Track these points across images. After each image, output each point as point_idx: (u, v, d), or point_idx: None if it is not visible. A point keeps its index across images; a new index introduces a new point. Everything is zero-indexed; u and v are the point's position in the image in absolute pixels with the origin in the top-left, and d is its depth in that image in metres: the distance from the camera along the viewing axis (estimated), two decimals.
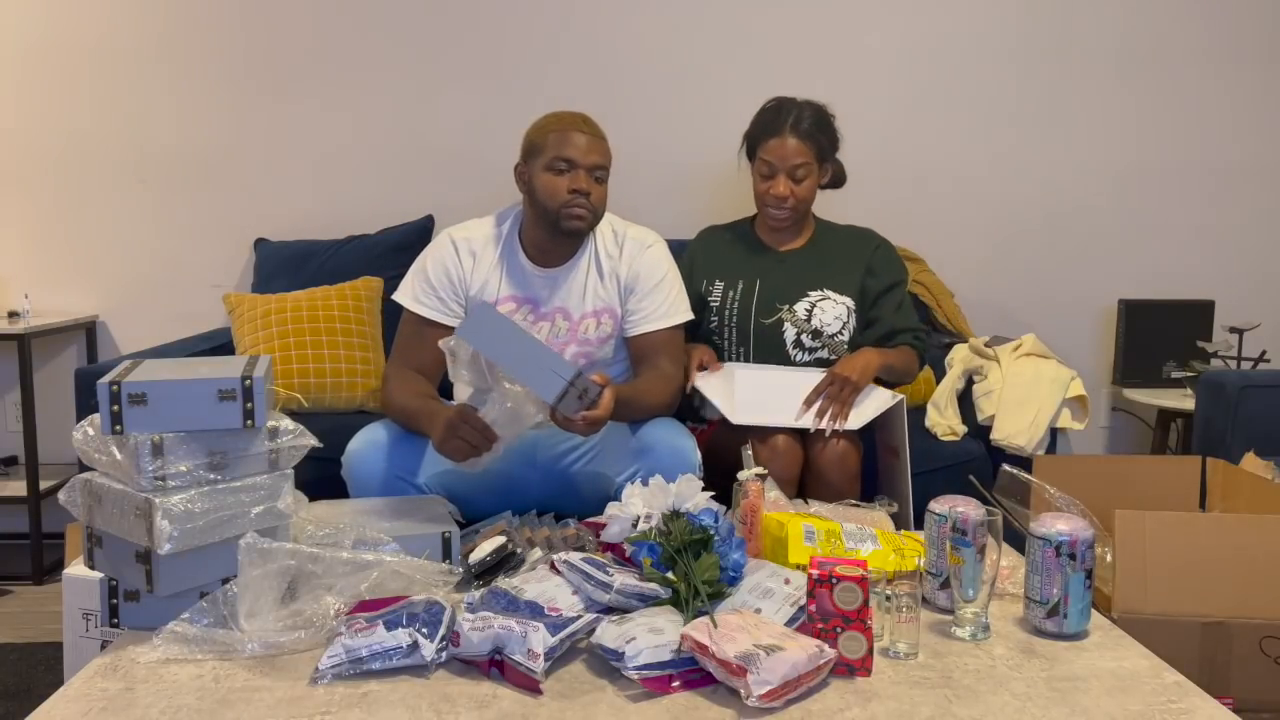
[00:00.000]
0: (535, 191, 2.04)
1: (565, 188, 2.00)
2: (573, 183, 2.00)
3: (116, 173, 3.16)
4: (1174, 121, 3.25)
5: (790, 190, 2.26)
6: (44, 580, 2.91)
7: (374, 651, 1.34)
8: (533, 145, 2.05)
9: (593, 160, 2.02)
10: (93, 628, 1.76)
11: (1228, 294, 3.20)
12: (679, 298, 2.15)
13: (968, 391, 2.62)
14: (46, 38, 3.10)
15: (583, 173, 2.01)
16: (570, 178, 2.00)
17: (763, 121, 2.31)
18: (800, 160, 2.25)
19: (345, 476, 1.97)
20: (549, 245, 2.09)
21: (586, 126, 2.05)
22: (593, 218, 2.05)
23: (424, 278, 2.10)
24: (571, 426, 1.78)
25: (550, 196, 2.01)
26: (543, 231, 2.07)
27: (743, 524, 1.71)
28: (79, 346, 3.21)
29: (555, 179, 2.01)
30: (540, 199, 2.03)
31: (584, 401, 1.75)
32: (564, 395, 1.70)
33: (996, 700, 1.29)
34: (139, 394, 1.44)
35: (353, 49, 3.15)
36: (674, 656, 1.32)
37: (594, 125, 2.07)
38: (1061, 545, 1.50)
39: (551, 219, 2.03)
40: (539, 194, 2.03)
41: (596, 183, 2.03)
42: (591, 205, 2.02)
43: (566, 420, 1.76)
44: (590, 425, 1.78)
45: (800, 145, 2.25)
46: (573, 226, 2.02)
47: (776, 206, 2.28)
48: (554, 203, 2.01)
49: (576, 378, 1.70)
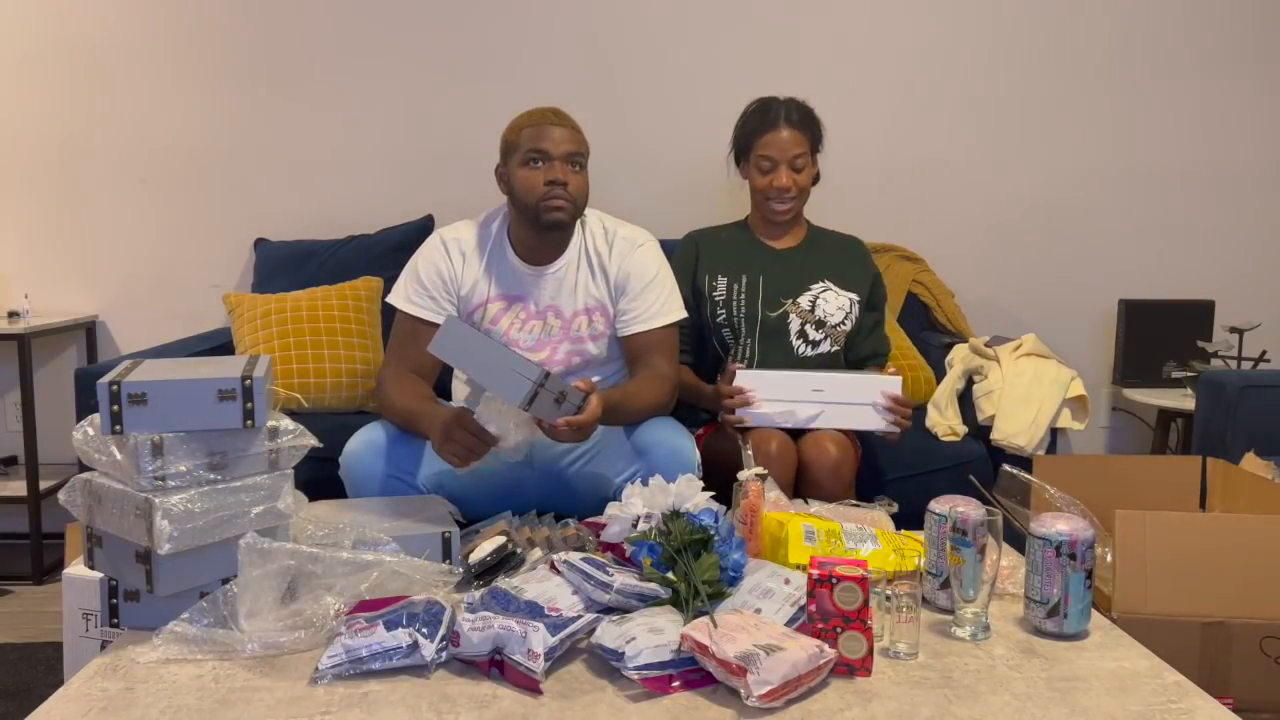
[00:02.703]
0: (515, 189, 2.03)
1: (541, 180, 1.99)
2: (548, 174, 1.99)
3: (116, 173, 3.16)
4: (1174, 122, 3.25)
5: (793, 180, 2.27)
6: (44, 580, 2.91)
7: (374, 651, 1.34)
8: (508, 144, 2.05)
9: (566, 149, 2.00)
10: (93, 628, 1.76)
11: (1228, 294, 3.20)
12: (671, 297, 2.14)
13: (968, 391, 2.62)
14: (46, 38, 3.10)
15: (557, 163, 1.99)
16: (545, 169, 1.99)
17: (753, 121, 2.33)
18: (798, 150, 2.27)
19: (343, 476, 1.96)
20: (536, 243, 2.08)
21: (557, 118, 2.03)
22: (573, 208, 2.02)
23: (416, 279, 2.10)
24: (555, 434, 1.77)
25: (528, 191, 2.00)
26: (528, 229, 2.06)
27: (743, 524, 1.71)
28: (79, 346, 3.21)
29: (532, 173, 2.00)
30: (520, 196, 2.02)
31: (563, 407, 1.74)
32: (534, 398, 1.69)
33: (996, 700, 1.29)
34: (139, 394, 1.43)
35: (353, 49, 3.15)
36: (674, 656, 1.32)
37: (565, 116, 2.05)
38: (1061, 545, 1.50)
39: (532, 214, 2.01)
40: (518, 191, 2.02)
41: (574, 171, 2.01)
42: (570, 195, 2.00)
43: (551, 427, 1.76)
44: (574, 431, 1.77)
45: (796, 135, 2.28)
46: (553, 219, 2.01)
47: (780, 199, 2.29)
48: (532, 197, 2.00)
49: (545, 379, 1.69)
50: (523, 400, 1.69)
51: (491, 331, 2.10)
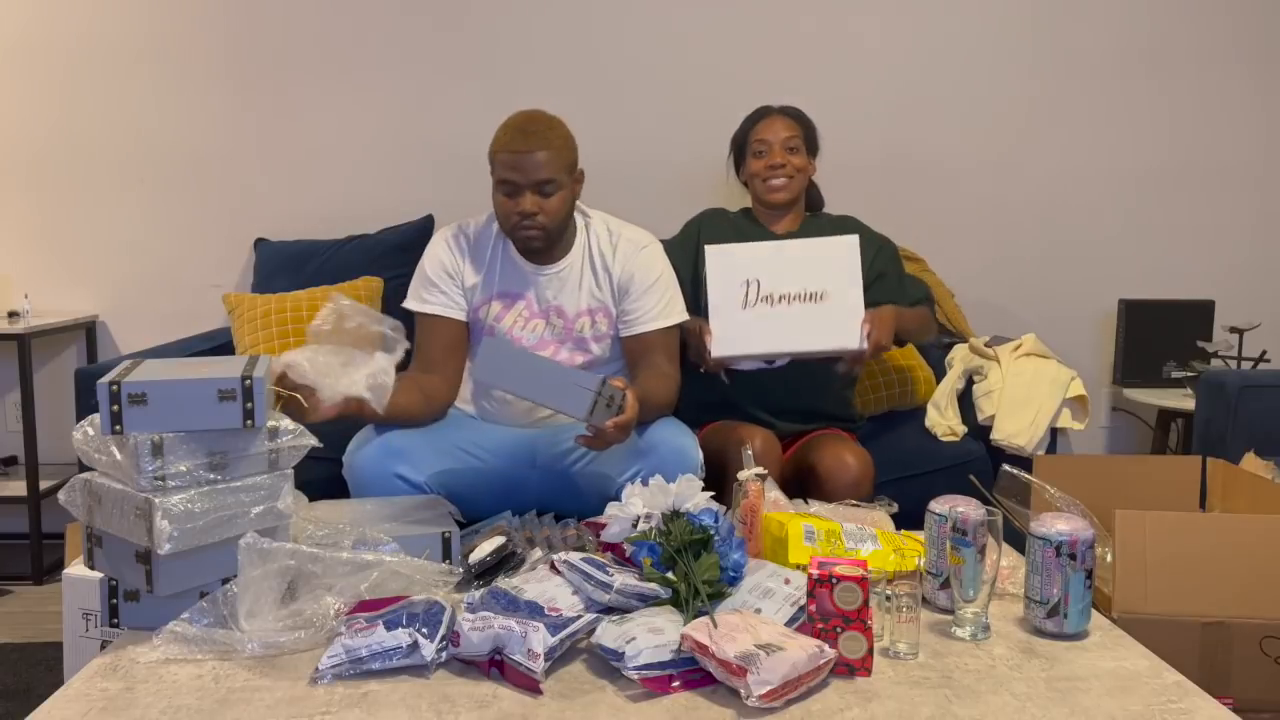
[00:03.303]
0: (494, 208, 2.04)
1: (513, 210, 1.99)
2: (517, 205, 1.99)
3: (116, 173, 3.16)
4: (1174, 122, 3.25)
5: (786, 159, 2.33)
6: (44, 580, 2.91)
7: (374, 651, 1.33)
8: (490, 159, 2.01)
9: (535, 179, 1.96)
10: (93, 628, 1.76)
11: (1228, 294, 3.20)
12: (674, 298, 2.15)
13: (968, 391, 2.62)
14: (46, 37, 3.10)
15: (527, 195, 1.97)
16: (516, 201, 1.99)
17: (747, 121, 2.43)
18: (790, 133, 2.35)
19: (346, 476, 1.97)
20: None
21: (528, 142, 1.95)
22: (545, 234, 2.02)
23: (424, 278, 2.12)
24: (604, 436, 1.79)
25: (503, 217, 2.03)
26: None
27: (743, 524, 1.71)
28: (79, 346, 3.21)
29: (504, 200, 2.00)
30: (498, 217, 2.05)
31: (612, 409, 1.75)
32: (594, 406, 1.71)
33: (996, 700, 1.29)
34: (139, 394, 1.43)
35: (353, 49, 3.15)
36: (674, 656, 1.32)
37: (539, 134, 1.96)
38: (1061, 545, 1.49)
39: (507, 232, 2.05)
40: (496, 211, 2.04)
41: (545, 198, 1.98)
42: (540, 223, 1.99)
43: (599, 432, 1.77)
44: (621, 431, 1.79)
45: (788, 122, 2.37)
46: (526, 246, 2.04)
47: (775, 176, 2.34)
48: (506, 225, 2.03)
49: (602, 386, 1.71)
50: (585, 412, 1.69)
51: (496, 330, 2.10)
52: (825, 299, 2.17)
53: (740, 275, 2.18)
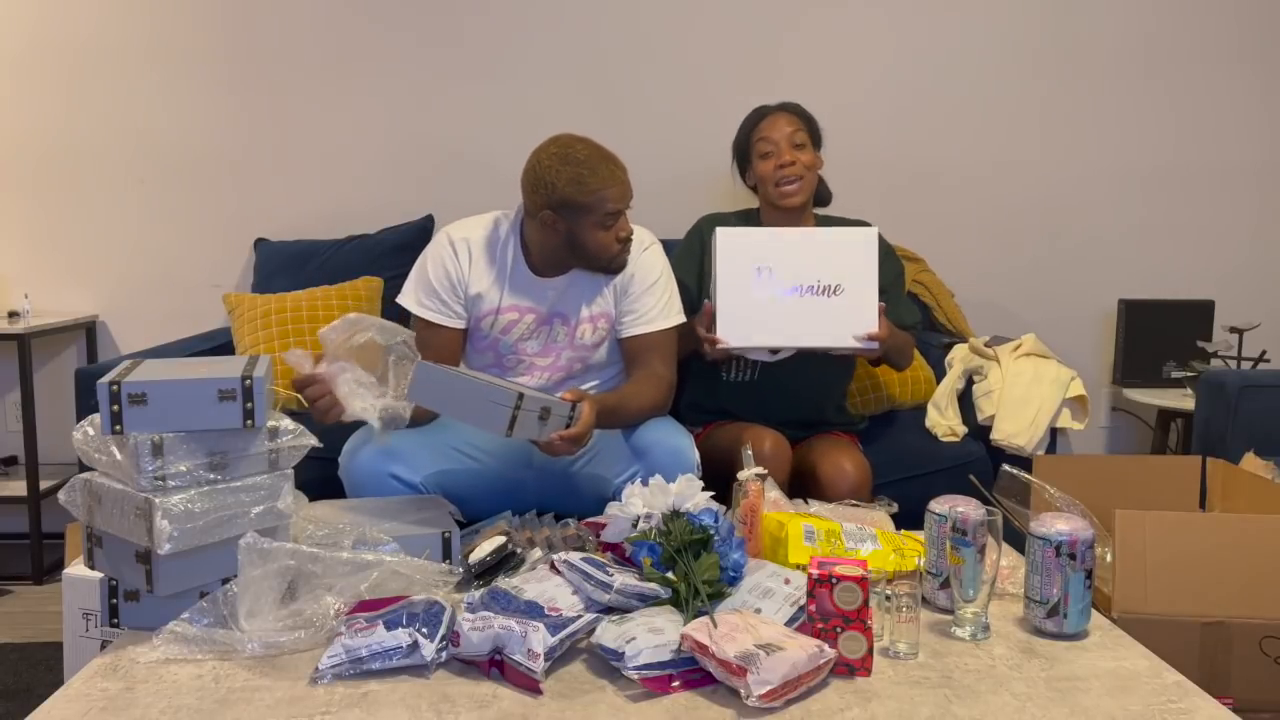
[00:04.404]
0: (583, 245, 2.02)
1: (615, 239, 2.03)
2: (621, 229, 2.03)
3: (116, 173, 3.16)
4: (1174, 122, 3.25)
5: (795, 157, 2.26)
6: (44, 580, 2.92)
7: (374, 651, 1.34)
8: (567, 201, 1.96)
9: (629, 201, 2.04)
10: (93, 628, 1.76)
11: (1228, 294, 3.20)
12: (673, 300, 2.15)
13: (968, 391, 2.62)
14: (46, 38, 3.11)
15: (625, 216, 2.04)
16: (619, 226, 2.02)
17: (748, 122, 2.37)
18: (794, 128, 2.29)
19: (342, 476, 1.96)
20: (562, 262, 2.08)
21: (619, 169, 2.02)
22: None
23: (425, 281, 2.09)
24: (551, 449, 1.81)
25: (602, 249, 2.03)
26: (567, 257, 2.05)
27: (743, 524, 1.71)
28: (79, 346, 3.21)
29: (606, 234, 2.01)
30: (590, 252, 2.03)
31: (550, 422, 1.75)
32: (513, 422, 1.70)
33: (996, 700, 1.29)
34: (139, 394, 1.43)
35: (353, 49, 3.15)
36: (674, 656, 1.32)
37: (616, 159, 2.03)
38: (1061, 545, 1.50)
39: (599, 265, 2.06)
40: (589, 247, 2.02)
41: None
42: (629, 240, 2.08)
43: (546, 445, 1.79)
44: (570, 443, 1.81)
45: (790, 118, 2.31)
46: (620, 266, 2.08)
47: (785, 181, 2.27)
48: (606, 254, 2.04)
49: (520, 402, 1.69)
50: (504, 428, 1.69)
51: (501, 341, 2.09)
52: (841, 292, 2.10)
53: (751, 262, 2.12)
